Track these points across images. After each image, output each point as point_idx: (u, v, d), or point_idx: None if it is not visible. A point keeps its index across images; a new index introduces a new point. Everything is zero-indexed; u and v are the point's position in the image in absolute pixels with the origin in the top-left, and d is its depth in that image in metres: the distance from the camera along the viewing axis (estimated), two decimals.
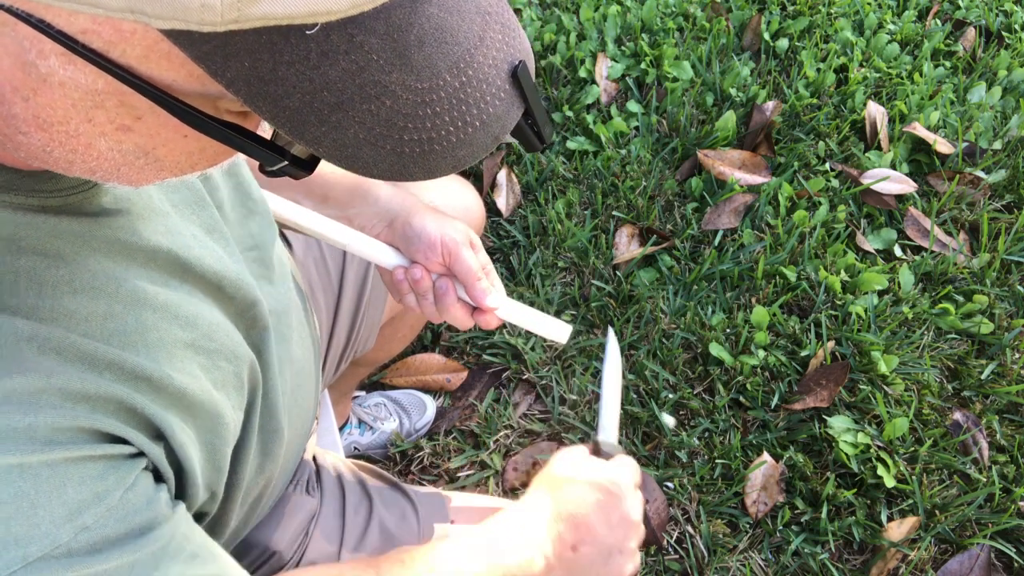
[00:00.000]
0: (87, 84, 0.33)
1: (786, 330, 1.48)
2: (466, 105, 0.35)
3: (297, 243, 0.91)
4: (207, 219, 0.58)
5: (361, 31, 0.31)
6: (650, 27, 1.91)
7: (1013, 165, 1.73)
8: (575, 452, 0.77)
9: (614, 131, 1.73)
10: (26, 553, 0.39)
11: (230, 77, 0.31)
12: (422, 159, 0.35)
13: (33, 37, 0.31)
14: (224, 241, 0.60)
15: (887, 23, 2.01)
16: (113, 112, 0.34)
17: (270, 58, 0.30)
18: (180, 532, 0.47)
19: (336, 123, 0.33)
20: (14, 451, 0.39)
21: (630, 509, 0.72)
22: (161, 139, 0.36)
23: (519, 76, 0.37)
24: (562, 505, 0.71)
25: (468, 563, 0.65)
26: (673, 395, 1.40)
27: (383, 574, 0.62)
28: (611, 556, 0.70)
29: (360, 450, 1.38)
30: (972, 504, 1.30)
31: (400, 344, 1.20)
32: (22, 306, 0.41)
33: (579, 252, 1.57)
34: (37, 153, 0.37)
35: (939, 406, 1.41)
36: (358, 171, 0.36)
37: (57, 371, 0.41)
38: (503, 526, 0.70)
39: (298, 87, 0.31)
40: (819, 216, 1.61)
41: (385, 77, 0.33)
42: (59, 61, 0.32)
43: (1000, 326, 1.50)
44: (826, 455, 1.35)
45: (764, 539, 1.29)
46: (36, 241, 0.43)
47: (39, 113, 0.34)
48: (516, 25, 0.38)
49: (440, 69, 0.34)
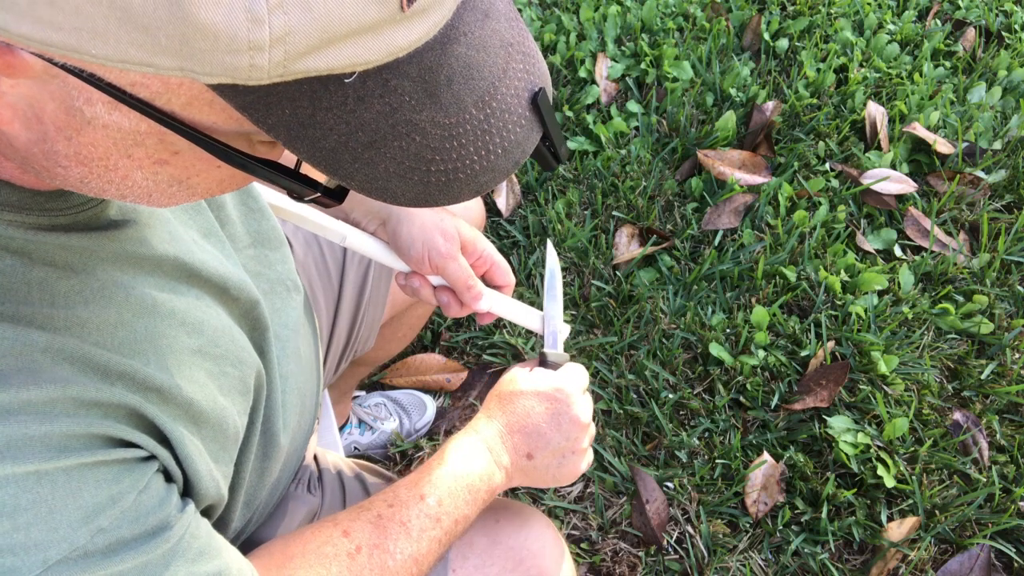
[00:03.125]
0: (130, 127, 0.34)
1: (786, 330, 1.48)
2: (489, 135, 0.37)
3: (297, 243, 0.91)
4: (203, 223, 0.59)
5: (395, 75, 0.32)
6: (650, 27, 1.91)
7: (1013, 165, 1.73)
8: (520, 368, 0.80)
9: (614, 131, 1.73)
10: (46, 557, 0.40)
11: (271, 123, 0.32)
12: (447, 187, 0.37)
13: (82, 87, 0.32)
14: (220, 244, 0.60)
15: (887, 23, 2.01)
16: (152, 149, 0.36)
17: (309, 105, 0.32)
18: (188, 531, 0.49)
19: (368, 160, 0.34)
20: (32, 459, 0.40)
21: (579, 412, 0.76)
22: (195, 170, 0.38)
23: (539, 103, 0.38)
24: (513, 417, 0.75)
25: (430, 488, 0.68)
26: (673, 395, 1.40)
27: (340, 520, 0.64)
28: (564, 457, 0.75)
29: (360, 450, 1.38)
30: (972, 504, 1.29)
31: (400, 344, 1.20)
32: (37, 316, 0.42)
33: (579, 252, 1.57)
34: (74, 183, 0.39)
35: (939, 406, 1.41)
36: (386, 200, 0.37)
37: (71, 381, 0.42)
38: (460, 446, 0.73)
39: (335, 129, 0.33)
40: (819, 216, 1.61)
41: (416, 116, 0.34)
42: (105, 108, 0.33)
43: (1000, 326, 1.51)
44: (826, 455, 1.35)
45: (764, 539, 1.29)
46: (47, 255, 0.44)
47: (80, 151, 0.36)
48: (535, 51, 0.39)
49: (467, 104, 0.35)
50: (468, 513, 0.69)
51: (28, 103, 0.34)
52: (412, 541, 0.65)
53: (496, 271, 0.83)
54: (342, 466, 0.89)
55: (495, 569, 0.75)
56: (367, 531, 0.64)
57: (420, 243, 0.75)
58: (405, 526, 0.65)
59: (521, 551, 0.78)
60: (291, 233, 0.91)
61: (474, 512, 0.70)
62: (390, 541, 0.64)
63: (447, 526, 0.67)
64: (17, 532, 0.39)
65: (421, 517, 0.66)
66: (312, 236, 0.93)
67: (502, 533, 0.77)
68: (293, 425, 0.70)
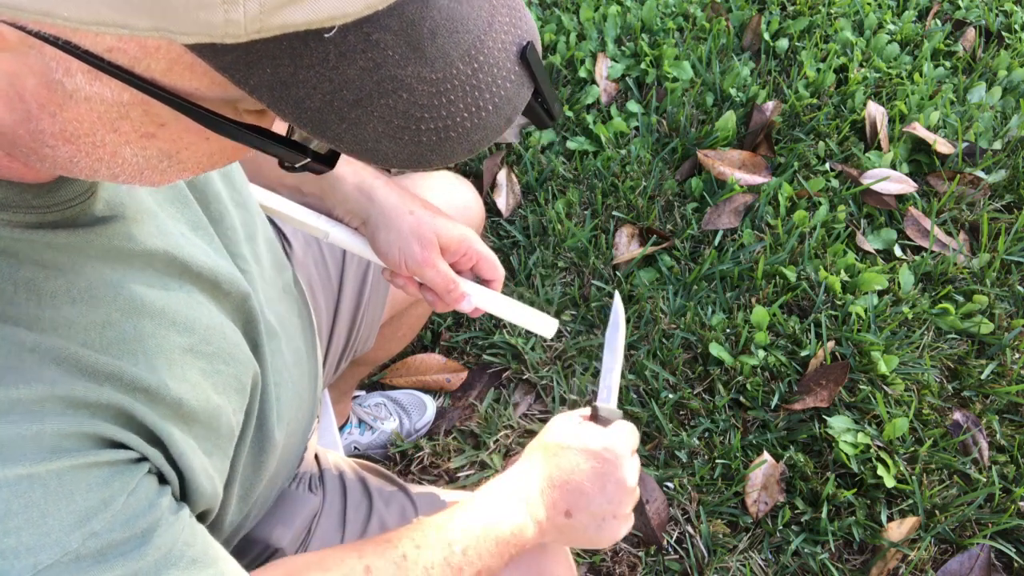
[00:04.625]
0: (113, 98, 0.34)
1: (786, 330, 1.48)
2: (479, 91, 0.36)
3: (297, 243, 0.91)
4: (190, 216, 0.59)
5: (376, 29, 0.32)
6: (650, 27, 1.91)
7: (1013, 165, 1.73)
8: (569, 418, 0.77)
9: (614, 131, 1.73)
10: (36, 561, 0.40)
11: (253, 84, 0.32)
12: (439, 146, 0.36)
13: (59, 57, 0.31)
14: (208, 237, 0.60)
15: (887, 23, 2.01)
16: (138, 122, 0.35)
17: (291, 63, 0.31)
18: (182, 538, 0.48)
19: (356, 119, 0.34)
20: (23, 461, 0.40)
21: (626, 475, 0.72)
22: (184, 143, 0.37)
23: (528, 57, 0.38)
24: (555, 471, 0.71)
25: (458, 535, 0.66)
26: (673, 395, 1.40)
27: (366, 554, 0.62)
28: (605, 521, 0.71)
29: (360, 450, 1.38)
30: (972, 504, 1.29)
31: (400, 343, 1.20)
32: (23, 316, 0.42)
33: (579, 252, 1.57)
34: (63, 164, 0.38)
35: (939, 406, 1.41)
36: (378, 163, 0.36)
37: (59, 381, 0.42)
38: (496, 494, 0.70)
39: (319, 88, 0.32)
40: (819, 216, 1.61)
41: (401, 71, 0.33)
42: (85, 78, 0.33)
43: (1000, 326, 1.50)
44: (826, 455, 1.35)
45: (764, 539, 1.29)
46: (34, 253, 0.43)
47: (66, 127, 0.35)
48: (522, 6, 0.39)
49: (453, 58, 0.35)
50: (492, 565, 0.67)
51: (8, 81, 0.33)
52: None
53: (483, 266, 0.81)
54: (343, 466, 0.89)
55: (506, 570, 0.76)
56: (389, 572, 0.62)
57: (397, 249, 0.76)
58: (428, 572, 0.63)
59: (540, 562, 0.78)
60: (291, 233, 0.91)
61: (499, 565, 0.68)
62: None
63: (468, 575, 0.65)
64: (8, 536, 0.39)
65: (443, 565, 0.64)
66: (312, 236, 0.93)
67: None
68: (289, 419, 0.69)
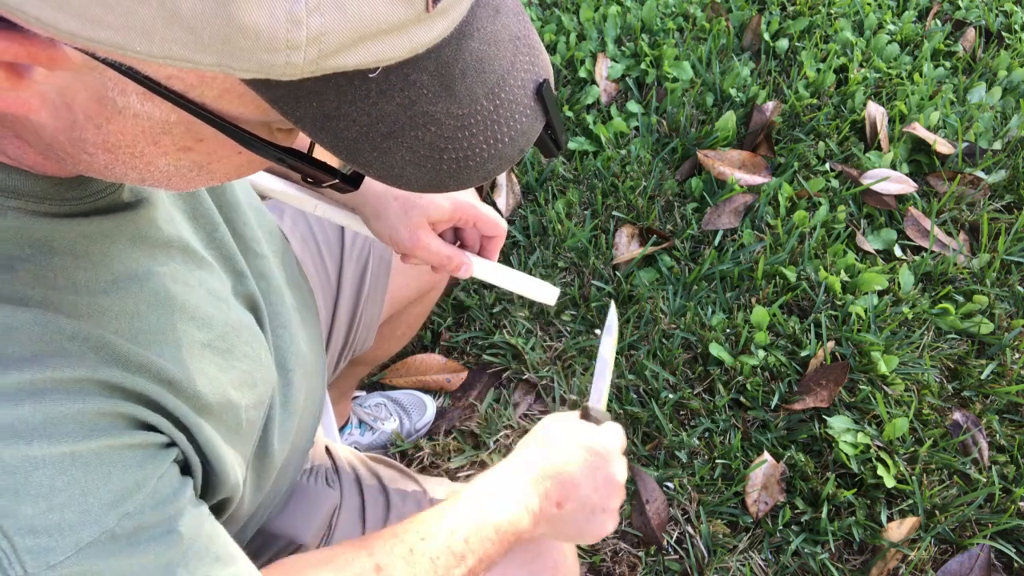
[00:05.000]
0: (161, 116, 0.36)
1: (786, 330, 1.48)
2: (497, 125, 0.39)
3: (295, 240, 0.91)
4: (185, 204, 0.60)
5: (415, 70, 0.34)
6: (650, 27, 1.91)
7: (1013, 165, 1.73)
8: (565, 416, 0.80)
9: (614, 131, 1.73)
10: (79, 539, 0.41)
11: (299, 115, 0.34)
12: (457, 174, 0.39)
13: (118, 79, 0.33)
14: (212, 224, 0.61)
15: (887, 23, 2.01)
16: (179, 137, 0.37)
17: (335, 98, 0.34)
18: (204, 532, 0.49)
19: (387, 149, 0.37)
20: (66, 438, 0.41)
21: (616, 471, 0.75)
22: (217, 156, 0.40)
23: (543, 94, 0.41)
24: (550, 463, 0.74)
25: (458, 524, 0.67)
26: (673, 395, 1.40)
27: (375, 551, 0.63)
28: (594, 514, 0.74)
29: (360, 450, 1.38)
30: (972, 504, 1.29)
31: (399, 342, 1.20)
32: (63, 303, 0.44)
33: (579, 252, 1.57)
34: (97, 169, 0.40)
35: (939, 406, 1.41)
36: (400, 187, 0.39)
37: (98, 367, 0.44)
38: (492, 484, 0.72)
39: (357, 121, 0.35)
40: (819, 216, 1.61)
41: (432, 107, 0.36)
42: (138, 98, 0.35)
43: (1000, 326, 1.50)
44: (826, 455, 1.35)
45: (764, 539, 1.28)
46: (68, 243, 0.45)
47: (108, 138, 0.37)
48: (539, 44, 0.42)
49: (478, 95, 0.37)
50: (492, 553, 0.68)
51: (59, 92, 0.35)
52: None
53: (483, 225, 0.83)
54: (355, 461, 0.91)
55: (517, 560, 0.77)
56: (400, 568, 0.63)
57: (387, 236, 0.79)
58: (434, 563, 0.64)
59: (539, 544, 0.79)
60: (288, 231, 0.92)
61: (497, 554, 0.69)
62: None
63: (471, 564, 0.66)
64: (52, 512, 0.40)
65: (448, 555, 0.65)
66: (309, 235, 0.94)
67: None
68: (300, 409, 0.70)
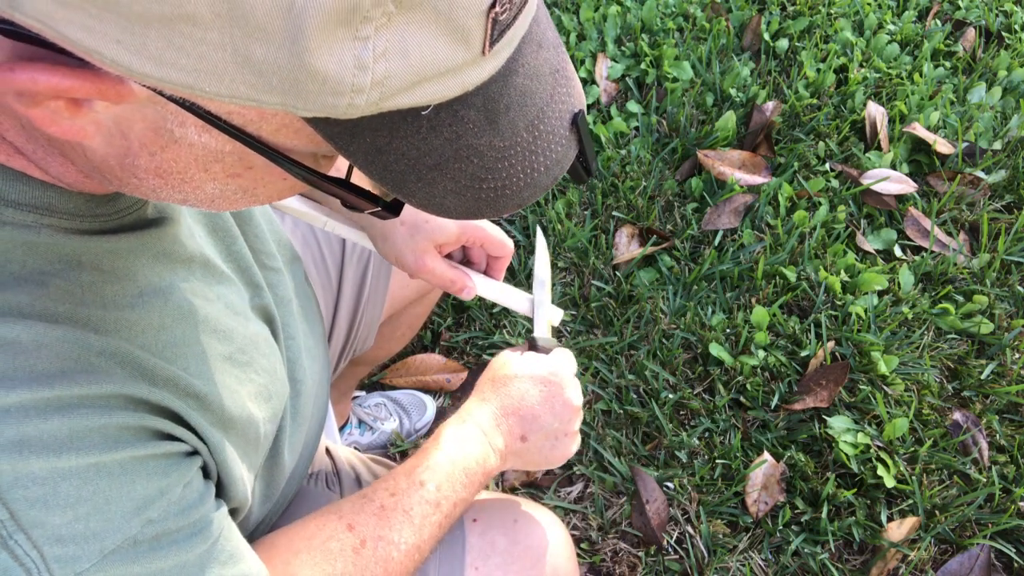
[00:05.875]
0: (216, 147, 0.37)
1: (786, 330, 1.48)
2: (535, 155, 0.40)
3: (296, 241, 0.91)
4: (205, 218, 0.60)
5: (464, 106, 0.35)
6: (650, 27, 1.91)
7: (1013, 165, 1.73)
8: (511, 352, 0.82)
9: (614, 131, 1.73)
10: (103, 546, 0.42)
11: (352, 150, 0.35)
12: (494, 202, 0.40)
13: (178, 112, 0.34)
14: (230, 238, 0.62)
15: (887, 23, 2.01)
16: (230, 165, 0.38)
17: (388, 134, 0.35)
18: (223, 533, 0.51)
19: (431, 180, 0.38)
20: (92, 450, 0.42)
21: (571, 395, 0.78)
22: (264, 182, 0.41)
23: (578, 123, 0.42)
24: (507, 401, 0.77)
25: (428, 476, 0.69)
26: (673, 395, 1.40)
27: (344, 515, 0.65)
28: (557, 440, 0.78)
29: (360, 450, 1.38)
30: (972, 504, 1.29)
31: (399, 343, 1.20)
32: (92, 318, 0.44)
33: (579, 252, 1.57)
34: (144, 192, 0.41)
35: (939, 406, 1.41)
36: (440, 215, 0.41)
37: (124, 382, 0.45)
38: (455, 431, 0.74)
39: (406, 154, 0.36)
40: (819, 216, 1.61)
41: (476, 141, 0.37)
42: (196, 130, 0.35)
43: (1000, 326, 1.50)
44: (826, 455, 1.35)
45: (764, 539, 1.29)
46: (95, 259, 0.46)
47: (161, 165, 0.38)
48: (575, 75, 0.42)
49: (519, 128, 0.38)
50: (465, 496, 0.71)
51: (115, 121, 0.35)
52: (415, 529, 0.66)
53: (489, 247, 0.85)
54: (355, 462, 0.91)
55: (516, 567, 0.78)
56: (371, 524, 0.65)
57: (393, 259, 0.82)
58: (408, 514, 0.66)
59: (539, 549, 0.80)
60: (289, 231, 0.92)
61: (471, 495, 0.72)
62: (394, 532, 0.65)
63: (447, 510, 0.69)
64: (78, 522, 0.41)
65: (422, 504, 0.67)
66: (311, 235, 0.94)
67: (520, 533, 0.79)
68: (307, 416, 0.71)
